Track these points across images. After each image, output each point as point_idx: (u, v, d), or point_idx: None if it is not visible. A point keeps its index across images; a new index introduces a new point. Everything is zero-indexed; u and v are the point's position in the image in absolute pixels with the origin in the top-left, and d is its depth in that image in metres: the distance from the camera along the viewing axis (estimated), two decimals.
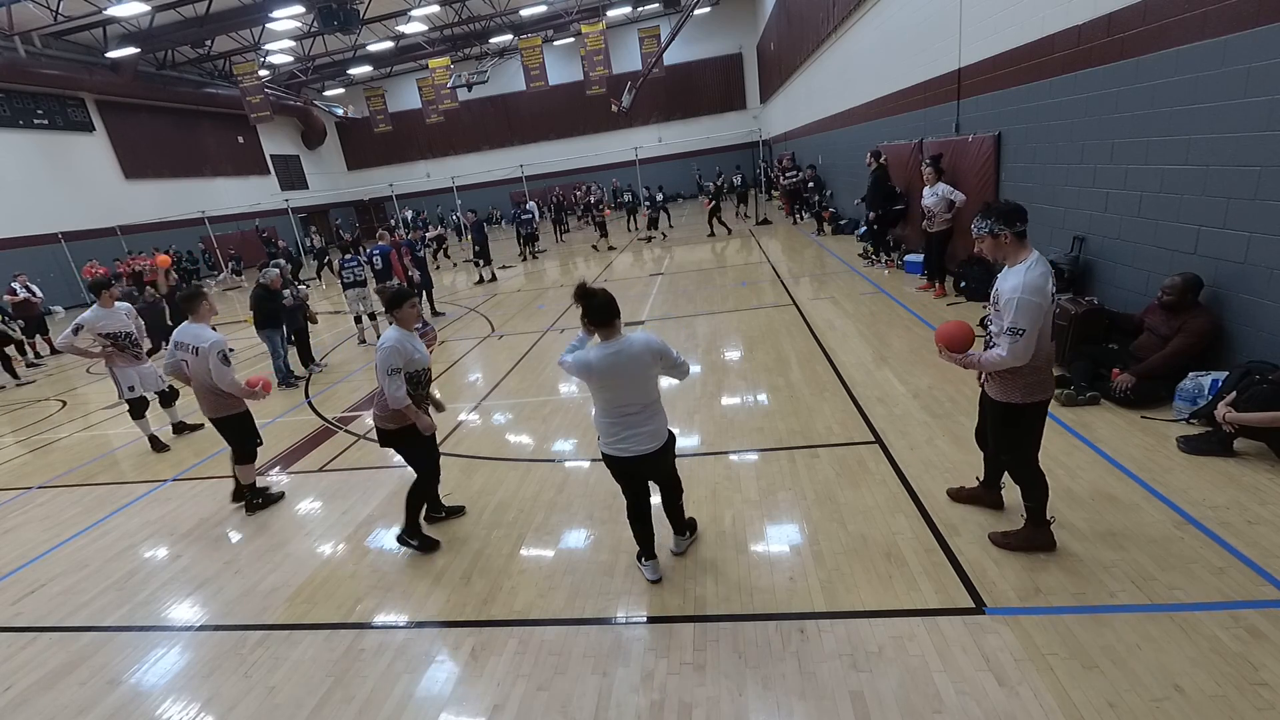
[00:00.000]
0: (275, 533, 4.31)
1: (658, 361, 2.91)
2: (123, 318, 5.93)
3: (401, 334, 3.70)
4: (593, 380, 2.88)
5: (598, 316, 2.86)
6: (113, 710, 2.89)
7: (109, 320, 5.84)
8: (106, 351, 5.87)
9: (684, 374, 3.07)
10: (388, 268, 9.79)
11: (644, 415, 2.92)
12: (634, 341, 2.85)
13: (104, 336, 5.81)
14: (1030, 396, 2.81)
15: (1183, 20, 4.20)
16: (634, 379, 2.86)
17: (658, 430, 2.98)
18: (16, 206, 18.31)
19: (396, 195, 26.31)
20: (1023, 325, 2.61)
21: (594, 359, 2.84)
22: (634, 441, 2.92)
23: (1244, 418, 3.40)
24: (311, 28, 21.22)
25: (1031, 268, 2.66)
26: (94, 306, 5.87)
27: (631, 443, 2.92)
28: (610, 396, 2.90)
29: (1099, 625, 2.56)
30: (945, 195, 7.33)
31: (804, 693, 2.45)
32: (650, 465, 3.01)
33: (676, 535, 3.39)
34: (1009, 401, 2.84)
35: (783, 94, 22.32)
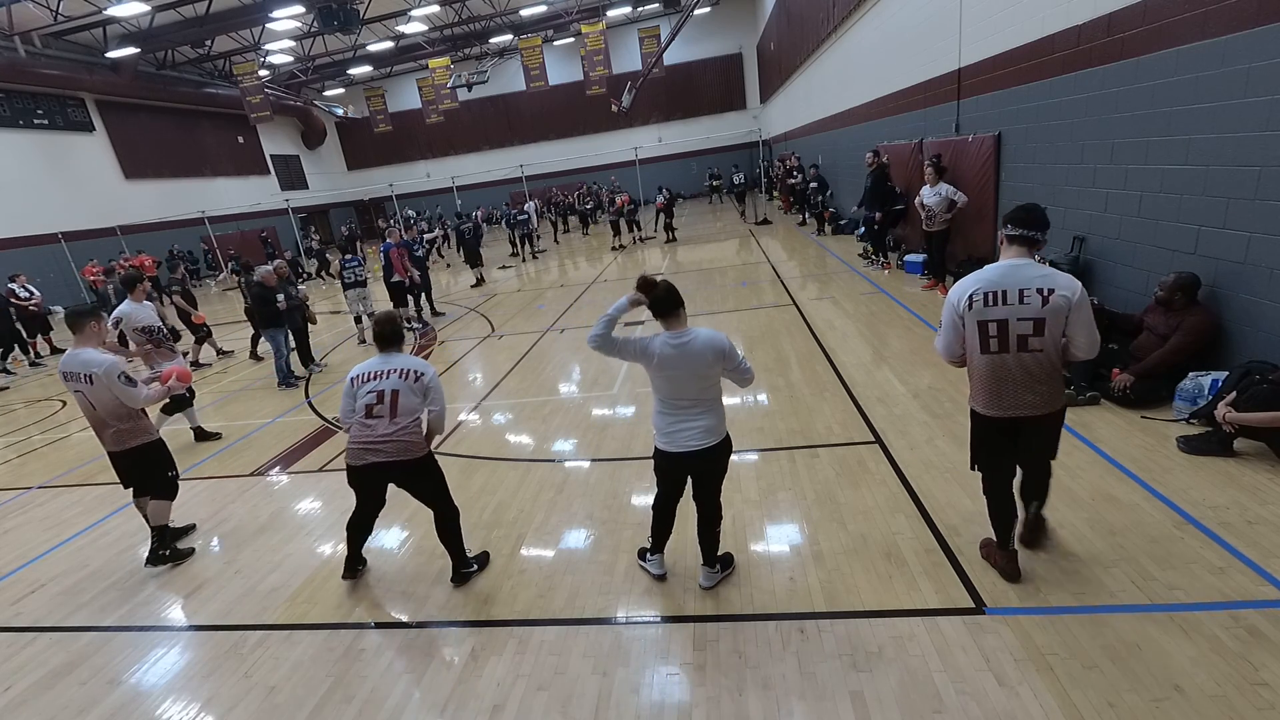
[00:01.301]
0: (275, 532, 4.32)
1: (719, 361, 2.81)
2: (152, 312, 5.76)
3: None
4: (651, 368, 2.86)
5: (661, 307, 2.84)
6: (113, 710, 2.89)
7: (143, 314, 5.65)
8: (144, 349, 5.66)
9: (748, 381, 2.94)
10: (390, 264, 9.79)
11: (697, 410, 2.84)
12: (699, 336, 2.80)
13: (141, 331, 5.62)
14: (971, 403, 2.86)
15: (1183, 20, 4.20)
16: (694, 375, 2.80)
17: (711, 428, 2.86)
18: (16, 206, 18.29)
19: (396, 195, 26.31)
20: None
21: (656, 347, 2.81)
22: (685, 436, 2.84)
23: (1244, 418, 3.40)
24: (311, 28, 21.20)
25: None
26: (127, 301, 5.70)
27: (682, 438, 2.85)
28: (668, 388, 2.86)
29: (1099, 625, 2.56)
30: (948, 195, 7.33)
31: (804, 693, 2.45)
32: (698, 465, 2.92)
33: (706, 567, 3.14)
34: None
35: (783, 94, 22.32)
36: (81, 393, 3.77)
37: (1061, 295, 2.50)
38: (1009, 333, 2.58)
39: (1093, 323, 2.56)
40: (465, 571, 3.46)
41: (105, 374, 3.69)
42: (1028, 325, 2.55)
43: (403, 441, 3.20)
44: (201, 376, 9.24)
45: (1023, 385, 2.63)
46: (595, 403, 5.94)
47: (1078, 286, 2.52)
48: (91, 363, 3.70)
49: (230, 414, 7.18)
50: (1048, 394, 2.65)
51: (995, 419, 2.74)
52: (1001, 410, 2.70)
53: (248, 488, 5.13)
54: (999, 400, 2.70)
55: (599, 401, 5.96)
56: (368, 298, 9.63)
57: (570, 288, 12.20)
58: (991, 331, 2.61)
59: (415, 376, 3.27)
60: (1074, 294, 2.50)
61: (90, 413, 3.83)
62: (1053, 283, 2.53)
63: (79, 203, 20.25)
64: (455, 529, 3.43)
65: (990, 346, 2.63)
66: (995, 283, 2.60)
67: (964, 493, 3.61)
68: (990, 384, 2.70)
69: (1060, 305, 2.51)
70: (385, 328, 3.38)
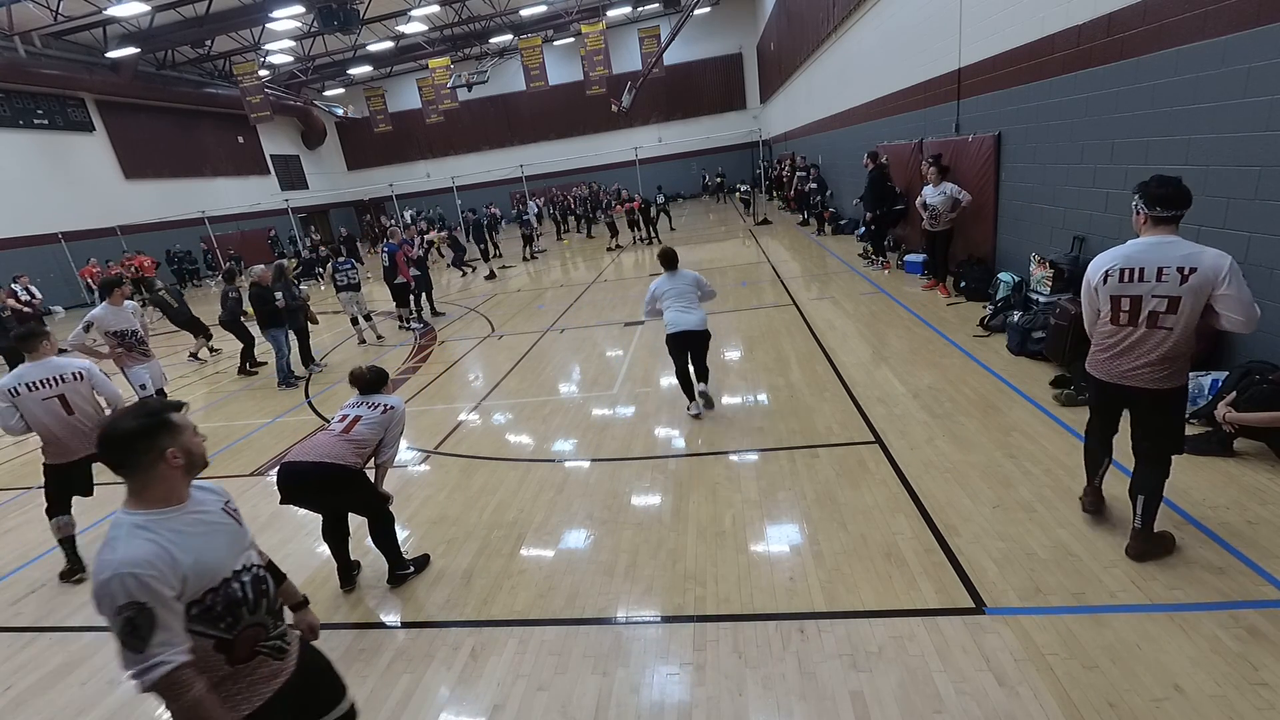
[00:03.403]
0: (275, 532, 4.32)
1: (698, 287, 5.11)
2: (129, 316, 5.92)
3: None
4: (661, 293, 5.08)
5: (665, 262, 5.21)
6: (113, 710, 2.89)
7: (118, 318, 5.83)
8: (115, 352, 5.85)
9: (711, 295, 5.25)
10: (395, 265, 9.79)
11: (691, 308, 5.00)
12: (685, 273, 5.15)
13: (112, 335, 5.80)
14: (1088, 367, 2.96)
15: (1183, 20, 4.20)
16: (683, 292, 5.04)
17: (699, 320, 4.97)
18: (16, 206, 18.29)
19: (396, 195, 26.31)
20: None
21: (659, 283, 5.14)
22: (684, 323, 4.93)
23: (1244, 418, 3.40)
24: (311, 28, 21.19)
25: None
26: (104, 304, 5.86)
27: (682, 323, 4.94)
28: (671, 300, 5.02)
29: (1099, 625, 2.56)
30: (952, 194, 7.32)
31: (804, 693, 2.45)
32: (692, 340, 4.98)
33: (699, 381, 5.15)
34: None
35: (783, 94, 22.32)
36: (60, 395, 3.89)
37: (1204, 272, 2.48)
38: (1141, 307, 2.62)
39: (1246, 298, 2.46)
40: (400, 573, 3.51)
41: (89, 369, 3.98)
42: (1162, 303, 2.57)
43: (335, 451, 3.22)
44: (199, 375, 9.24)
45: (1143, 357, 2.67)
46: (595, 403, 5.94)
47: (1225, 264, 2.46)
48: (69, 364, 3.96)
49: (230, 414, 7.17)
50: (1171, 370, 2.66)
51: (1106, 384, 2.83)
52: (1121, 379, 2.76)
53: (248, 488, 5.14)
54: (1115, 366, 2.78)
55: (599, 401, 5.96)
56: (361, 300, 9.63)
57: (569, 288, 12.20)
58: (1124, 306, 2.66)
59: (385, 408, 3.42)
60: (1220, 272, 2.45)
61: (62, 419, 3.91)
62: (1193, 259, 2.51)
63: (79, 203, 20.24)
64: (388, 532, 3.45)
65: (1121, 320, 2.69)
66: (1134, 259, 2.63)
67: (964, 493, 3.62)
68: (1111, 351, 2.77)
69: (1199, 283, 2.48)
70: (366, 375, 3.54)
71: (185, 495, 1.61)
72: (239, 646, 1.61)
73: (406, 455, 5.25)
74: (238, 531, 1.70)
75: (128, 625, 1.39)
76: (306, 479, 3.24)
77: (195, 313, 10.17)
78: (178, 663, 1.43)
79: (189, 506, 1.60)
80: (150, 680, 1.41)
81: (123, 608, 1.39)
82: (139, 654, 1.40)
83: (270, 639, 1.70)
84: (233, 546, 1.66)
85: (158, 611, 1.42)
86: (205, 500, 1.66)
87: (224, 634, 1.58)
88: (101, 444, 1.53)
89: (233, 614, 1.59)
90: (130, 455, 1.52)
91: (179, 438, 1.58)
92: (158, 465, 1.54)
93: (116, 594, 1.40)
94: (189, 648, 1.46)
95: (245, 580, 1.65)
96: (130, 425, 1.53)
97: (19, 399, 3.82)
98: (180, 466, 1.58)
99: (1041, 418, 4.39)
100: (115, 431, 1.52)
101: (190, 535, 1.55)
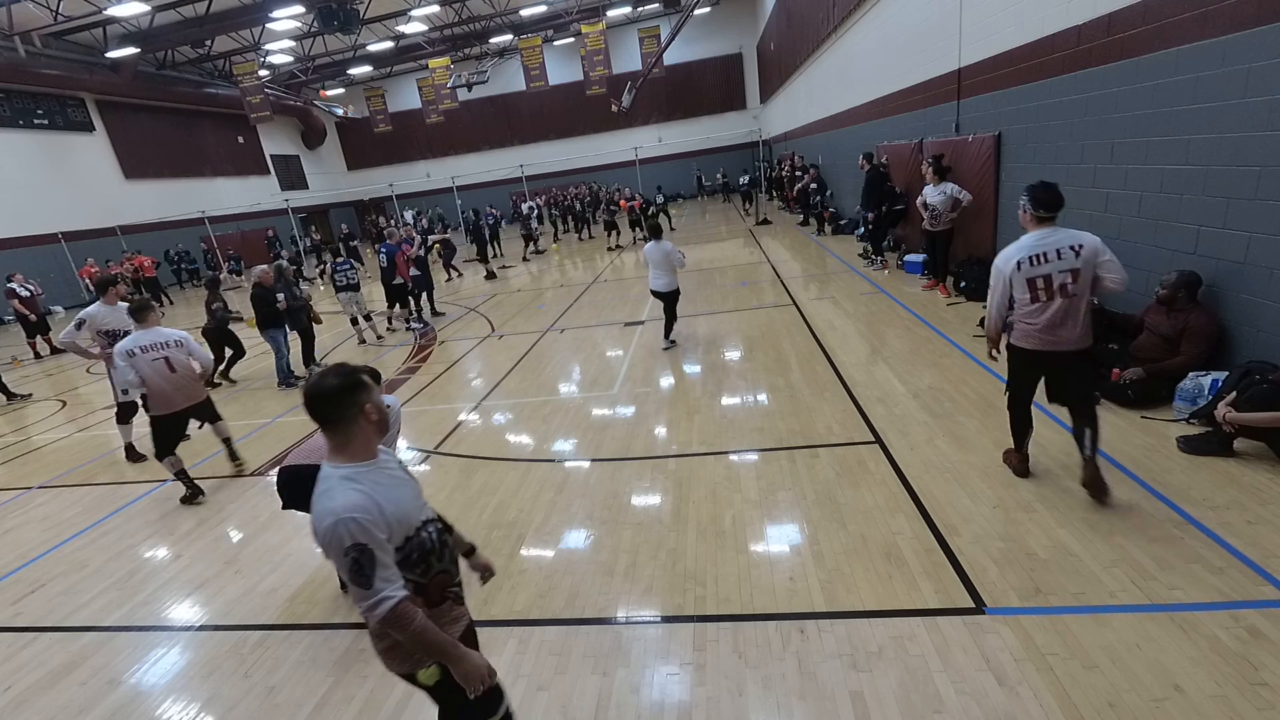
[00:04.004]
0: (275, 532, 4.32)
1: (669, 254, 6.86)
2: (124, 316, 5.89)
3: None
4: (648, 258, 7.01)
5: (651, 233, 7.06)
6: (113, 710, 2.89)
7: (111, 318, 5.81)
8: (105, 352, 5.84)
9: (679, 265, 6.95)
10: (393, 266, 9.78)
11: (660, 274, 6.93)
12: (664, 244, 6.91)
13: (104, 334, 5.79)
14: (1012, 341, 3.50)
15: (1183, 20, 4.20)
16: (658, 261, 6.89)
17: (669, 282, 6.95)
18: (16, 206, 18.29)
19: (396, 195, 26.31)
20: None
21: (647, 249, 7.04)
22: (654, 285, 7.05)
23: (1244, 418, 3.40)
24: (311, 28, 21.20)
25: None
26: (98, 303, 5.85)
27: (653, 285, 7.07)
28: (652, 266, 6.99)
29: (1099, 625, 2.56)
30: (953, 194, 7.32)
31: (804, 693, 2.45)
32: (661, 296, 7.04)
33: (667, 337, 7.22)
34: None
35: (783, 94, 22.32)
36: (166, 359, 4.71)
37: (1089, 248, 3.15)
38: (1052, 283, 3.21)
39: (1119, 263, 3.19)
40: None
41: (186, 337, 4.88)
42: (1067, 275, 3.18)
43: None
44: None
45: (1064, 324, 3.24)
46: (595, 403, 5.94)
47: (1099, 240, 3.18)
48: (172, 333, 4.84)
49: (230, 414, 7.15)
50: (1085, 330, 3.28)
51: (1032, 351, 3.36)
52: (1053, 345, 3.29)
53: (248, 488, 5.14)
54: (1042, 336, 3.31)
55: (599, 401, 5.96)
56: (360, 300, 9.63)
57: (569, 288, 12.20)
58: (1037, 284, 3.25)
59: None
60: (1097, 241, 3.17)
61: (166, 377, 4.73)
62: (1078, 239, 3.18)
63: (79, 203, 20.25)
64: None
65: (1040, 297, 3.26)
66: (1036, 248, 3.23)
67: (964, 492, 3.62)
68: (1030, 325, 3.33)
69: (1089, 256, 3.15)
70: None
71: (377, 451, 1.73)
72: (432, 591, 1.78)
73: (406, 455, 5.26)
74: (416, 486, 1.84)
75: (355, 565, 1.54)
76: (307, 483, 3.23)
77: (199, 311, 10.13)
78: (400, 596, 1.58)
79: (380, 462, 1.73)
80: (380, 614, 1.56)
81: (349, 550, 1.54)
82: (367, 589, 1.55)
83: (454, 584, 1.88)
84: (416, 499, 1.79)
85: (377, 553, 1.56)
86: (387, 458, 1.78)
87: (419, 579, 1.74)
88: (310, 401, 1.65)
89: (425, 561, 1.75)
90: (335, 410, 1.64)
91: (372, 395, 1.70)
92: (358, 420, 1.67)
93: (343, 537, 1.54)
94: (404, 584, 1.62)
95: (431, 531, 1.80)
96: (334, 383, 1.65)
97: (134, 359, 4.61)
98: (375, 422, 1.70)
99: (1041, 418, 4.38)
100: (322, 389, 1.64)
101: (387, 487, 1.68)
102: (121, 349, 4.62)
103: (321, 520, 1.58)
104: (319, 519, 1.59)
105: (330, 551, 1.58)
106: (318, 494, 1.63)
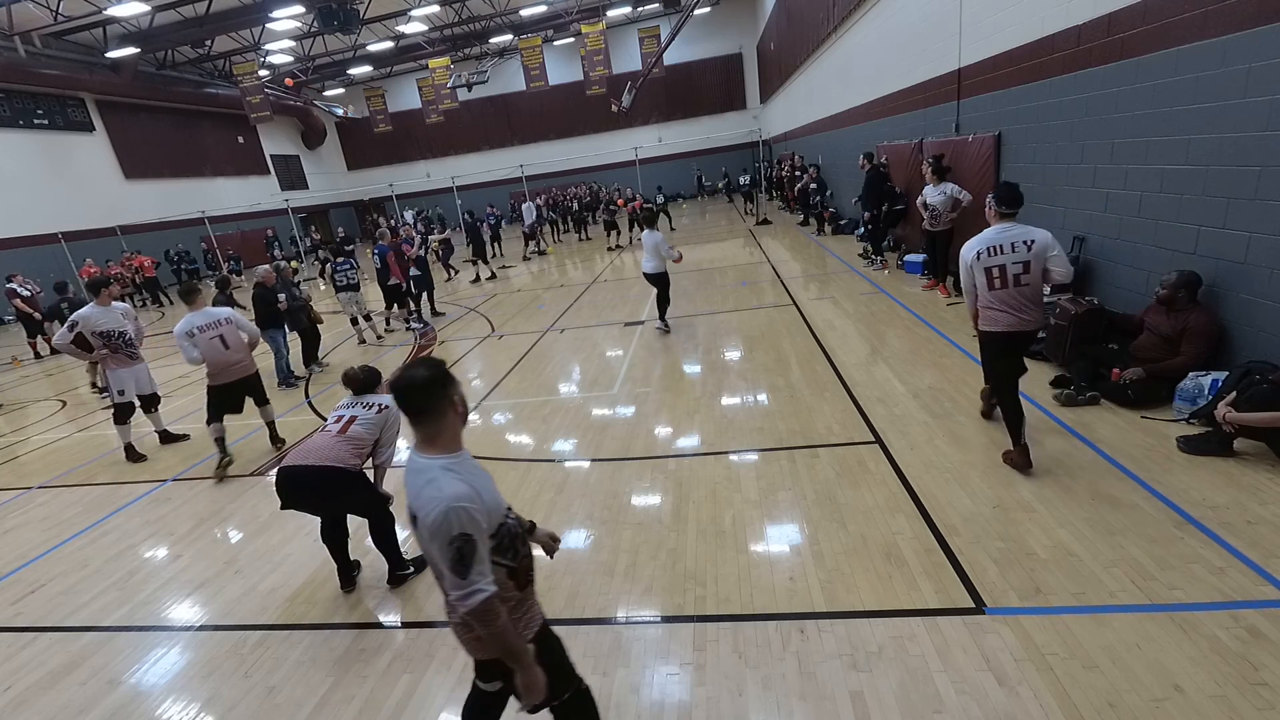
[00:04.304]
0: (275, 532, 4.32)
1: (659, 246, 7.48)
2: (118, 317, 5.87)
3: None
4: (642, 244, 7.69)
5: (648, 224, 7.75)
6: (113, 710, 2.89)
7: (105, 319, 5.78)
8: (100, 353, 5.82)
9: (668, 256, 7.54)
10: (386, 266, 9.78)
11: (648, 260, 7.66)
12: (654, 234, 7.56)
13: (98, 335, 5.77)
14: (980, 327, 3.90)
15: (1183, 20, 4.20)
16: (649, 249, 7.61)
17: (655, 266, 7.66)
18: (16, 206, 18.27)
19: (396, 195, 26.30)
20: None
21: (643, 235, 7.70)
22: (644, 268, 7.82)
23: (1244, 418, 3.40)
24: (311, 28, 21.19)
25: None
26: (91, 305, 5.83)
27: (643, 268, 7.82)
28: (645, 251, 7.66)
29: (1099, 625, 2.56)
30: (952, 194, 7.32)
31: (804, 693, 2.45)
32: (650, 279, 7.88)
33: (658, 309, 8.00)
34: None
35: (783, 94, 22.31)
36: (220, 336, 5.23)
37: (1040, 244, 3.56)
38: (1006, 273, 3.63)
39: (1065, 258, 3.61)
40: (400, 574, 3.51)
41: (232, 315, 5.39)
42: (1019, 267, 3.60)
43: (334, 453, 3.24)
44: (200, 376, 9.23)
45: (1017, 308, 3.65)
46: (595, 403, 5.94)
47: (1050, 237, 3.59)
48: (222, 311, 5.38)
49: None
50: (1036, 315, 3.72)
51: (998, 334, 3.75)
52: (1004, 327, 3.71)
53: (248, 487, 5.14)
54: (1002, 320, 3.71)
55: (599, 401, 5.96)
56: (360, 300, 9.63)
57: (569, 288, 12.20)
58: (993, 274, 3.66)
59: (380, 408, 3.44)
60: (1048, 242, 3.57)
61: (222, 352, 5.26)
62: (1030, 234, 3.60)
63: (79, 203, 20.24)
64: (388, 532, 3.46)
65: (995, 285, 3.68)
66: (994, 241, 3.65)
67: (964, 492, 3.62)
68: (995, 310, 3.71)
69: (1039, 250, 3.56)
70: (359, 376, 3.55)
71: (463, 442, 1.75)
72: (521, 574, 1.83)
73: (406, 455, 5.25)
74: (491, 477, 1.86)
75: (458, 554, 1.56)
76: (307, 483, 3.25)
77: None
78: (490, 592, 1.60)
79: (466, 453, 1.75)
80: (471, 604, 1.58)
81: (454, 539, 1.55)
82: (463, 579, 1.57)
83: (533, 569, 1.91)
84: (497, 489, 1.83)
85: (479, 544, 1.59)
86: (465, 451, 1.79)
87: (512, 563, 1.77)
88: (403, 392, 1.64)
89: (514, 546, 1.79)
90: (430, 401, 1.66)
91: (459, 388, 1.72)
92: (449, 412, 1.69)
93: (452, 524, 1.56)
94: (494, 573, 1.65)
95: (512, 518, 1.86)
96: (426, 374, 1.65)
97: (195, 338, 5.15)
98: (462, 414, 1.73)
99: (1041, 418, 4.39)
100: (416, 380, 1.64)
101: (480, 477, 1.71)
102: (181, 330, 5.15)
103: (430, 508, 1.59)
104: (426, 507, 1.59)
105: (435, 539, 1.58)
106: (422, 483, 1.64)
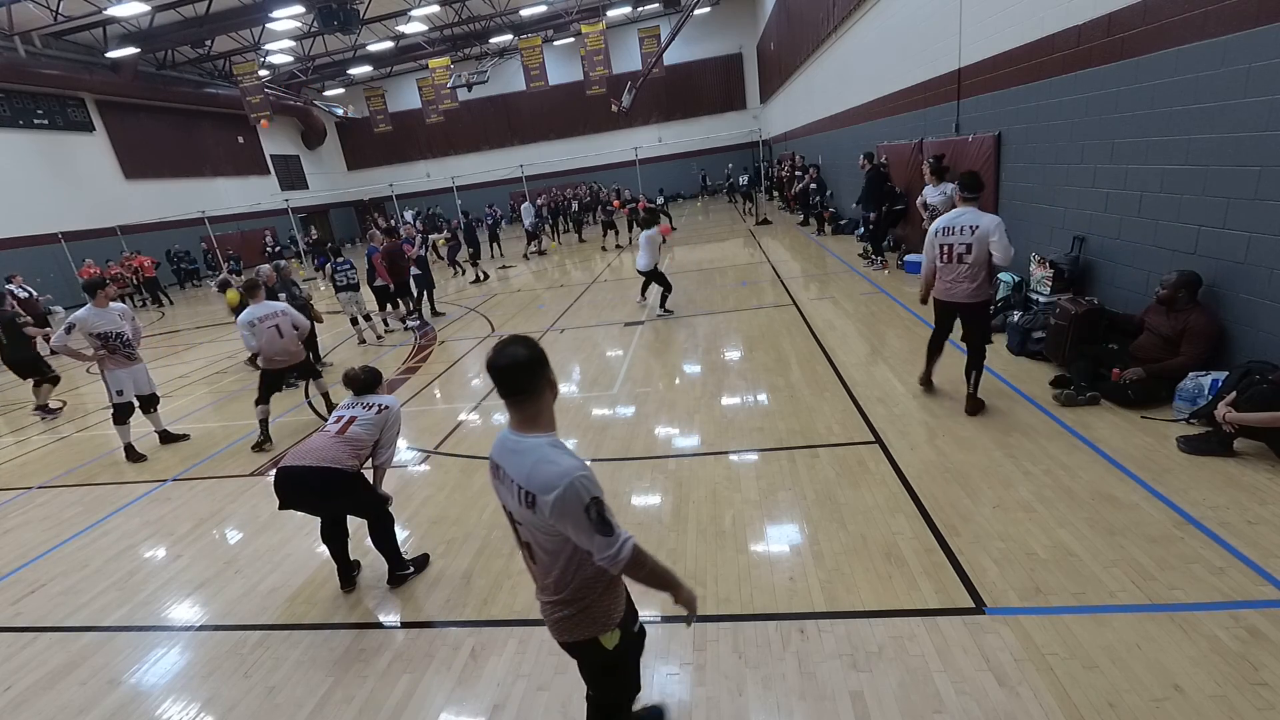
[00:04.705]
0: (275, 532, 4.32)
1: (651, 238, 8.71)
2: (116, 318, 5.85)
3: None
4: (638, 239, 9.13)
5: (644, 223, 9.14)
6: (113, 710, 2.89)
7: (102, 320, 5.76)
8: (99, 354, 5.81)
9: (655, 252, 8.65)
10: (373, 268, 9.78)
11: (643, 253, 8.69)
12: (649, 232, 8.74)
13: (96, 337, 5.76)
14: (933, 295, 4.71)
15: (1183, 20, 4.20)
16: (642, 245, 8.75)
17: (646, 262, 8.67)
18: (16, 206, 18.27)
19: (396, 195, 26.30)
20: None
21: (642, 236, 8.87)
22: (639, 264, 8.82)
23: (1244, 418, 3.40)
24: (311, 28, 21.19)
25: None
26: (88, 306, 5.82)
27: (639, 264, 8.81)
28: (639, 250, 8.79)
29: (1099, 625, 2.56)
30: (953, 194, 7.30)
31: (804, 693, 2.45)
32: (643, 274, 8.85)
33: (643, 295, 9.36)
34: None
35: (783, 94, 22.32)
36: (276, 325, 5.71)
37: (983, 229, 4.16)
38: (953, 250, 4.32)
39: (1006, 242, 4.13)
40: (400, 574, 3.50)
41: (285, 307, 5.91)
42: (963, 246, 4.27)
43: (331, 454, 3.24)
44: (202, 376, 9.23)
45: (959, 282, 4.38)
46: (595, 403, 5.94)
47: (995, 223, 4.14)
48: (276, 305, 5.91)
49: (230, 414, 7.17)
50: (976, 289, 4.35)
51: (944, 302, 4.56)
52: (949, 297, 4.48)
53: (247, 488, 5.14)
54: (940, 289, 4.53)
55: (599, 401, 5.96)
56: (360, 300, 9.64)
57: (568, 288, 12.20)
58: (945, 250, 4.38)
59: (380, 408, 3.44)
60: (991, 227, 4.14)
61: (277, 340, 5.74)
62: (978, 220, 4.22)
63: (79, 203, 20.23)
64: (387, 532, 3.46)
65: (945, 259, 4.41)
66: (950, 221, 4.33)
67: (964, 492, 3.62)
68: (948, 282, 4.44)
69: (981, 235, 4.18)
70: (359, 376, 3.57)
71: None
72: None
73: (406, 455, 5.26)
74: None
75: (600, 516, 1.62)
76: (305, 483, 3.25)
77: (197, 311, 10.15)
78: (633, 537, 1.68)
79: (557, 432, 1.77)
80: (625, 554, 1.64)
81: (590, 504, 1.60)
82: (611, 536, 1.63)
83: None
84: None
85: (606, 503, 1.65)
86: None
87: None
88: (507, 371, 1.64)
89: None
90: (532, 380, 1.66)
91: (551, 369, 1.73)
92: (547, 391, 1.70)
93: (581, 492, 1.59)
94: None
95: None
96: (526, 353, 1.65)
97: (255, 328, 5.65)
98: (556, 394, 1.75)
99: (1041, 418, 4.39)
100: (518, 359, 1.63)
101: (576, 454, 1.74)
102: (244, 320, 5.68)
103: (554, 483, 1.59)
104: (549, 484, 1.60)
105: (567, 511, 1.60)
106: (535, 460, 1.64)
